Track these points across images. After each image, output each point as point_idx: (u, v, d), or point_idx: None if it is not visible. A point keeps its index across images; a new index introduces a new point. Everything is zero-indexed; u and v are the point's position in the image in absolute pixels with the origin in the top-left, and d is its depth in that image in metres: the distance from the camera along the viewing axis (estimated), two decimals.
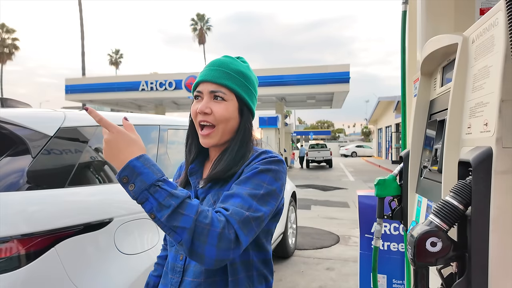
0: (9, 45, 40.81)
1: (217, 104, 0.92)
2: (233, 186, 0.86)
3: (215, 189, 0.93)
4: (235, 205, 0.80)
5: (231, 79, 0.94)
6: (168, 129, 2.01)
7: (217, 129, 0.93)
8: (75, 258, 1.33)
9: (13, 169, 1.29)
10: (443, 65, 1.25)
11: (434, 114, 1.29)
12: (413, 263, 0.80)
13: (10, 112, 1.44)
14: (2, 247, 1.15)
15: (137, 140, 0.81)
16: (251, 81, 0.99)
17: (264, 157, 0.92)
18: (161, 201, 0.73)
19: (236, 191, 0.83)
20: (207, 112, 0.91)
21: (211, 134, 0.93)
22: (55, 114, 1.55)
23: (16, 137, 1.35)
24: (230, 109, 0.93)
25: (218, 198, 0.89)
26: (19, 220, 1.22)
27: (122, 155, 0.77)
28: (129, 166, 0.75)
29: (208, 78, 0.93)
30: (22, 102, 1.78)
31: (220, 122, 0.92)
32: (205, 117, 0.92)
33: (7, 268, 1.15)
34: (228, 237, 0.74)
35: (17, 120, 1.36)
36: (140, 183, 0.74)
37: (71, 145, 1.50)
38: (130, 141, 0.79)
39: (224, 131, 0.94)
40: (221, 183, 0.93)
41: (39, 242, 1.21)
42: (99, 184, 1.60)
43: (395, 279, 2.23)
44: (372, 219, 2.29)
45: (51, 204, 1.31)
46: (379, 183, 1.55)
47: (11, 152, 1.33)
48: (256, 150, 0.97)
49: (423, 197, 1.27)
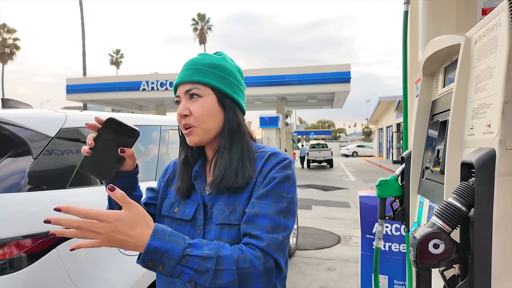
0: (10, 45, 40.87)
1: (194, 102, 0.89)
2: (254, 202, 0.83)
3: (225, 195, 0.88)
4: (264, 228, 0.79)
5: (203, 74, 0.90)
6: (169, 129, 2.01)
7: (198, 128, 0.89)
8: (76, 259, 1.33)
9: (14, 170, 1.29)
10: (445, 65, 1.24)
11: (436, 115, 1.28)
12: (416, 265, 0.80)
13: (11, 113, 1.43)
14: (3, 248, 1.14)
15: (136, 214, 0.70)
16: (228, 71, 0.93)
17: (277, 162, 0.88)
18: (198, 268, 0.70)
19: (261, 210, 0.82)
20: (186, 114, 0.89)
21: (192, 132, 0.89)
22: (56, 115, 1.55)
23: (17, 138, 1.34)
24: (207, 104, 0.89)
25: (234, 208, 0.86)
26: (20, 221, 1.21)
27: (133, 239, 0.69)
28: (150, 250, 0.68)
29: (181, 79, 0.91)
30: (23, 103, 1.78)
31: (199, 120, 0.88)
32: (186, 119, 0.89)
33: (9, 269, 1.14)
34: (269, 269, 0.76)
35: (18, 121, 1.36)
36: (169, 261, 0.69)
37: (72, 145, 1.50)
38: (132, 222, 0.69)
39: (207, 128, 0.89)
40: (231, 189, 0.87)
41: (40, 243, 1.21)
42: (100, 185, 1.59)
43: (396, 280, 2.23)
44: (373, 220, 2.29)
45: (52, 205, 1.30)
46: (381, 184, 1.54)
47: (12, 153, 1.33)
48: (262, 150, 0.93)
49: (425, 198, 1.27)
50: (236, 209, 0.86)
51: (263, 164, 0.89)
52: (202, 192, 0.92)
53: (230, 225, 0.85)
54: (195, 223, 0.90)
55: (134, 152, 0.90)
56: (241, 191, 0.87)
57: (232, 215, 0.85)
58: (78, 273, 1.32)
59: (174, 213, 0.93)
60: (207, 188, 0.91)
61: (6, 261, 1.14)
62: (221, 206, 0.88)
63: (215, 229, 0.87)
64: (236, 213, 0.85)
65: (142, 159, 1.82)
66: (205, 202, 0.91)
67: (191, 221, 0.90)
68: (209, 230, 0.88)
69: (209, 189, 0.90)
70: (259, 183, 0.87)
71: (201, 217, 0.90)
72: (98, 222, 0.67)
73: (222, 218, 0.86)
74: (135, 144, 0.91)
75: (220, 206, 0.88)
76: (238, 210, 0.85)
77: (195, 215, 0.90)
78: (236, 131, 0.91)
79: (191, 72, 0.90)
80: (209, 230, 0.88)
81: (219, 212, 0.87)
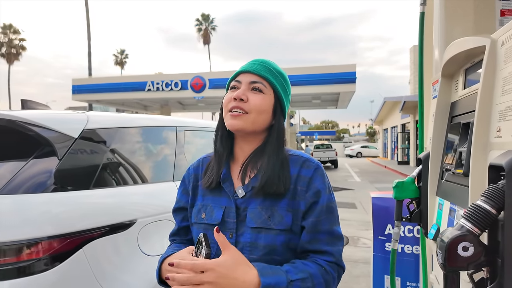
0: (16, 46, 41.18)
1: (255, 94, 0.90)
2: (313, 221, 0.87)
3: (259, 199, 0.89)
4: (329, 243, 0.88)
5: (272, 75, 0.93)
6: (184, 130, 2.02)
7: (248, 116, 0.89)
8: (101, 260, 1.33)
9: (40, 171, 1.30)
10: (465, 67, 1.24)
11: (456, 117, 1.28)
12: (444, 268, 0.79)
13: (36, 113, 1.45)
14: (31, 248, 1.15)
15: (235, 256, 0.77)
16: (289, 86, 0.99)
17: (315, 168, 0.91)
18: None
19: (322, 227, 0.88)
20: (243, 99, 0.89)
21: (241, 116, 0.88)
22: (79, 116, 1.56)
23: (42, 138, 1.35)
24: (266, 102, 0.91)
25: (272, 213, 0.87)
26: (46, 221, 1.22)
27: (238, 280, 0.75)
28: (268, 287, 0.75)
29: (251, 69, 0.92)
30: (41, 104, 1.80)
31: (253, 110, 0.89)
32: (239, 103, 0.89)
33: (36, 270, 1.15)
34: (340, 276, 0.90)
35: (43, 122, 1.37)
36: None
37: (94, 147, 1.51)
38: (233, 264, 0.76)
39: (254, 120, 0.89)
40: (266, 194, 0.88)
41: (68, 243, 1.22)
42: (122, 185, 1.61)
43: (409, 281, 2.22)
44: (386, 221, 2.28)
45: (77, 205, 1.32)
46: (398, 186, 1.54)
47: (38, 154, 1.34)
48: (291, 153, 0.95)
49: (445, 200, 1.26)
50: (274, 215, 0.87)
51: (299, 170, 0.91)
52: (234, 195, 0.92)
53: (268, 229, 0.86)
54: (224, 226, 0.90)
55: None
56: (279, 196, 0.88)
57: (270, 219, 0.86)
58: (102, 273, 1.32)
59: (202, 218, 0.93)
60: (238, 191, 0.91)
61: (34, 261, 1.15)
62: (257, 209, 0.88)
63: (251, 233, 0.87)
64: (274, 218, 0.87)
65: (159, 160, 1.83)
66: (237, 205, 0.90)
67: (219, 225, 0.90)
68: (242, 233, 0.88)
69: (242, 192, 0.90)
70: (302, 192, 0.89)
71: (232, 221, 0.89)
72: (203, 273, 0.73)
73: (260, 222, 0.87)
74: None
75: (256, 210, 0.88)
76: (276, 215, 0.87)
77: (223, 218, 0.90)
78: (281, 138, 0.94)
79: (263, 68, 0.94)
80: (242, 233, 0.88)
81: (256, 215, 0.88)
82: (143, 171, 1.72)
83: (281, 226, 0.86)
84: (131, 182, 1.66)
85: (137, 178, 1.69)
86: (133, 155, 1.71)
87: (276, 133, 0.93)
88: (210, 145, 0.98)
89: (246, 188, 0.91)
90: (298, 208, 0.89)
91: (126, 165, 1.66)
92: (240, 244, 0.88)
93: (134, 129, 1.74)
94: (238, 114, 0.89)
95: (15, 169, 1.27)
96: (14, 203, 1.20)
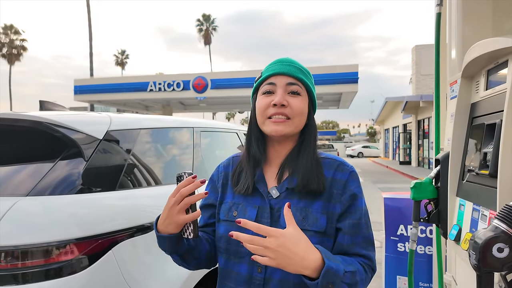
0: (17, 46, 41.20)
1: (294, 98, 0.90)
2: (353, 223, 0.89)
3: (293, 200, 0.89)
4: (366, 247, 0.89)
5: (305, 75, 0.94)
6: (201, 131, 2.02)
7: (292, 121, 0.89)
8: (129, 261, 1.33)
9: (68, 172, 1.30)
10: (487, 68, 1.24)
11: (477, 117, 1.28)
12: (478, 269, 0.79)
13: (61, 115, 1.44)
14: (62, 250, 1.14)
15: (299, 232, 0.76)
16: (313, 82, 0.99)
17: (350, 172, 0.92)
18: (350, 282, 0.79)
19: (361, 231, 0.89)
20: (285, 104, 0.88)
21: (286, 123, 0.89)
22: (102, 118, 1.56)
23: (69, 140, 1.35)
24: (304, 104, 0.92)
25: (306, 214, 0.87)
26: (76, 223, 1.22)
27: (297, 257, 0.73)
28: (329, 270, 0.74)
29: (285, 71, 0.91)
30: (58, 105, 1.80)
31: (296, 115, 0.90)
32: (281, 109, 0.88)
33: (65, 272, 1.14)
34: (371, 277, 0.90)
35: (69, 124, 1.37)
36: (337, 279, 0.76)
37: (117, 148, 1.51)
38: (296, 239, 0.74)
39: (297, 124, 0.91)
40: (300, 195, 0.89)
41: (97, 245, 1.21)
42: (146, 186, 1.61)
43: (421, 282, 2.22)
44: (398, 222, 2.28)
45: (105, 206, 1.32)
46: (416, 186, 1.54)
47: (65, 155, 1.33)
48: (323, 156, 0.95)
49: (467, 200, 1.26)
50: (308, 216, 0.87)
51: (334, 173, 0.92)
52: (268, 196, 0.92)
53: (302, 230, 0.85)
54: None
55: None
56: (313, 198, 0.89)
57: (305, 220, 0.87)
58: (131, 274, 1.32)
59: (233, 216, 0.92)
60: (272, 192, 0.91)
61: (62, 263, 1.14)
62: (292, 210, 0.88)
63: None
64: (308, 219, 0.87)
65: (179, 160, 1.83)
66: (272, 205, 0.91)
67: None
68: None
69: (276, 193, 0.91)
70: (337, 195, 0.90)
71: (266, 221, 0.89)
72: (266, 239, 0.73)
73: (295, 222, 0.86)
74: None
75: (293, 212, 0.88)
76: (311, 217, 0.87)
77: (257, 218, 0.90)
78: (316, 136, 0.95)
79: (295, 69, 0.93)
80: None
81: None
82: (165, 172, 1.73)
83: (316, 228, 0.87)
84: (154, 183, 1.66)
85: (159, 179, 1.69)
86: (154, 156, 1.72)
87: (312, 132, 0.94)
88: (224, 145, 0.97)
89: (280, 189, 0.91)
90: (333, 211, 0.89)
91: (149, 166, 1.66)
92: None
93: (154, 130, 1.75)
94: (282, 121, 0.89)
95: (43, 171, 1.27)
96: (43, 205, 1.20)
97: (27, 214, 1.15)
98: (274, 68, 0.93)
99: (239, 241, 0.77)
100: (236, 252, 0.91)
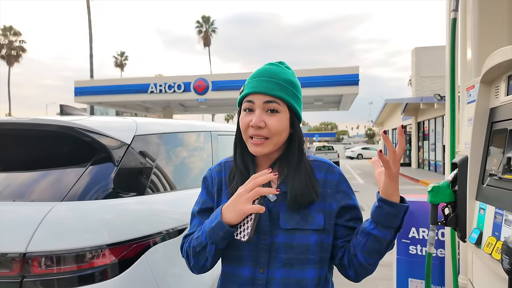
0: (16, 48, 41.16)
1: (271, 117, 0.91)
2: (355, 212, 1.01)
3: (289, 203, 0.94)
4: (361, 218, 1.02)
5: (283, 90, 0.92)
6: (218, 135, 2.04)
7: (270, 140, 0.92)
8: (161, 265, 1.34)
9: (100, 177, 1.31)
10: (508, 74, 1.26)
11: (497, 122, 1.30)
12: (511, 273, 0.81)
13: (91, 120, 1.46)
14: (96, 256, 1.15)
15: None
16: (299, 89, 0.99)
17: (339, 173, 1.01)
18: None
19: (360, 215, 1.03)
20: (261, 126, 0.90)
21: (264, 144, 0.92)
22: (128, 122, 1.57)
23: (99, 145, 1.36)
24: (283, 122, 0.93)
25: (304, 216, 0.93)
26: (109, 228, 1.22)
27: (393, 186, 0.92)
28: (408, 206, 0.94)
29: (262, 90, 0.91)
30: (78, 109, 1.81)
31: (274, 134, 0.92)
32: (259, 131, 0.91)
33: (98, 278, 1.14)
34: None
35: (99, 129, 1.38)
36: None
37: (144, 152, 1.52)
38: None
39: (276, 142, 0.94)
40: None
41: (131, 250, 1.22)
42: (173, 190, 1.62)
43: (433, 285, 2.23)
44: (409, 224, 2.29)
45: (136, 211, 1.33)
46: (433, 190, 1.55)
47: (95, 160, 1.34)
48: (313, 158, 1.01)
49: (488, 204, 1.28)
50: (306, 217, 0.93)
51: (325, 175, 0.98)
52: (265, 199, 0.94)
53: (302, 230, 0.92)
54: (257, 229, 0.92)
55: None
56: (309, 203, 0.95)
57: (303, 221, 0.92)
58: (163, 278, 1.32)
59: None
60: (269, 196, 0.94)
61: (95, 269, 1.14)
62: (289, 212, 0.93)
63: (285, 234, 0.92)
64: (307, 219, 0.92)
65: (201, 164, 1.85)
66: (269, 208, 0.94)
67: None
68: (276, 235, 0.92)
69: (274, 197, 0.94)
70: (331, 194, 0.97)
71: (266, 223, 0.93)
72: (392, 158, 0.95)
73: (294, 223, 0.92)
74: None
75: (288, 213, 0.93)
76: (308, 217, 0.93)
77: None
78: (302, 145, 0.97)
79: (273, 85, 0.92)
80: (276, 235, 0.92)
81: (288, 218, 0.93)
82: (189, 176, 1.74)
83: (314, 226, 0.92)
84: (180, 187, 1.67)
85: (185, 183, 1.70)
86: (178, 160, 1.73)
87: (296, 141, 0.97)
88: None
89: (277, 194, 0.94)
90: (329, 209, 0.95)
91: (174, 170, 1.68)
92: (275, 245, 0.92)
93: (177, 134, 1.76)
94: (260, 142, 0.92)
95: (75, 176, 1.28)
96: (77, 210, 1.21)
97: (63, 219, 1.16)
98: (252, 85, 0.93)
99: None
100: (237, 256, 0.93)
